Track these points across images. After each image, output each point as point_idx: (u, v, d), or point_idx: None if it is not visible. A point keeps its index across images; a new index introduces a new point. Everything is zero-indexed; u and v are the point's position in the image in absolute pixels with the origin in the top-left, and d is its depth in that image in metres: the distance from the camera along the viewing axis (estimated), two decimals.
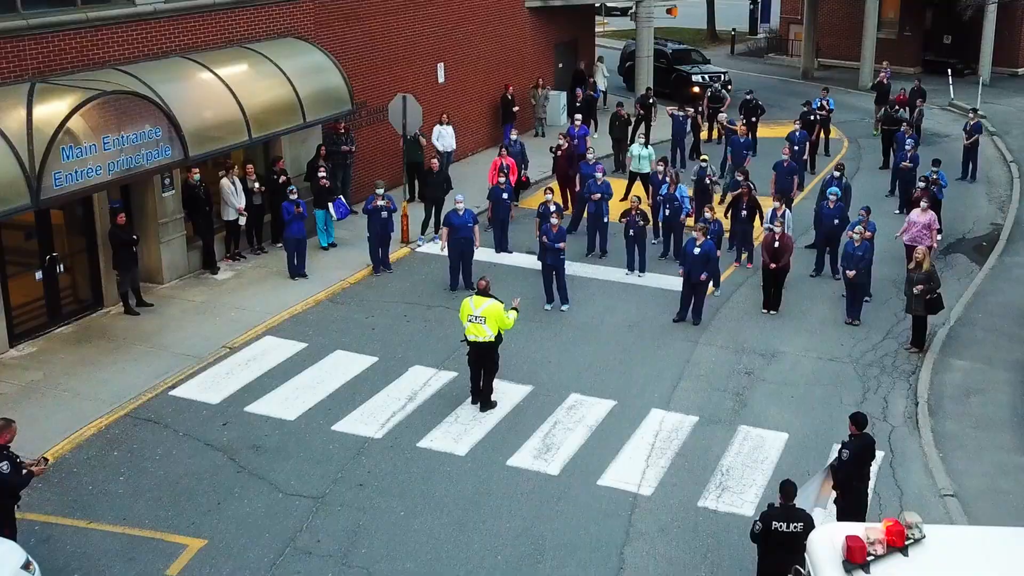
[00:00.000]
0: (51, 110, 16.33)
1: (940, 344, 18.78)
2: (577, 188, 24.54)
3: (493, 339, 15.73)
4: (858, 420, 12.65)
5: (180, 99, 18.81)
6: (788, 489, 11.23)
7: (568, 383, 17.06)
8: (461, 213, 20.36)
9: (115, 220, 18.48)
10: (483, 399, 16.10)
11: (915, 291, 18.19)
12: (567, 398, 16.57)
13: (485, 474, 14.45)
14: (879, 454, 14.16)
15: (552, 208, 21.48)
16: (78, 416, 15.44)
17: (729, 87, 37.66)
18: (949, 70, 40.81)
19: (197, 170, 20.20)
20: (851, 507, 12.66)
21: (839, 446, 12.83)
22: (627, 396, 16.69)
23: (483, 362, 15.95)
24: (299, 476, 14.28)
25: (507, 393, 16.61)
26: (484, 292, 15.80)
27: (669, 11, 41.26)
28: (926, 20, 46.36)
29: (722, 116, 30.83)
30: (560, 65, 36.01)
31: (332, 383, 16.87)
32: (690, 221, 22.47)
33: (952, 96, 39.53)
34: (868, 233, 19.79)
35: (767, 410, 16.41)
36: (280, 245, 21.64)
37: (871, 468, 13.02)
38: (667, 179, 22.94)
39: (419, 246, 23.18)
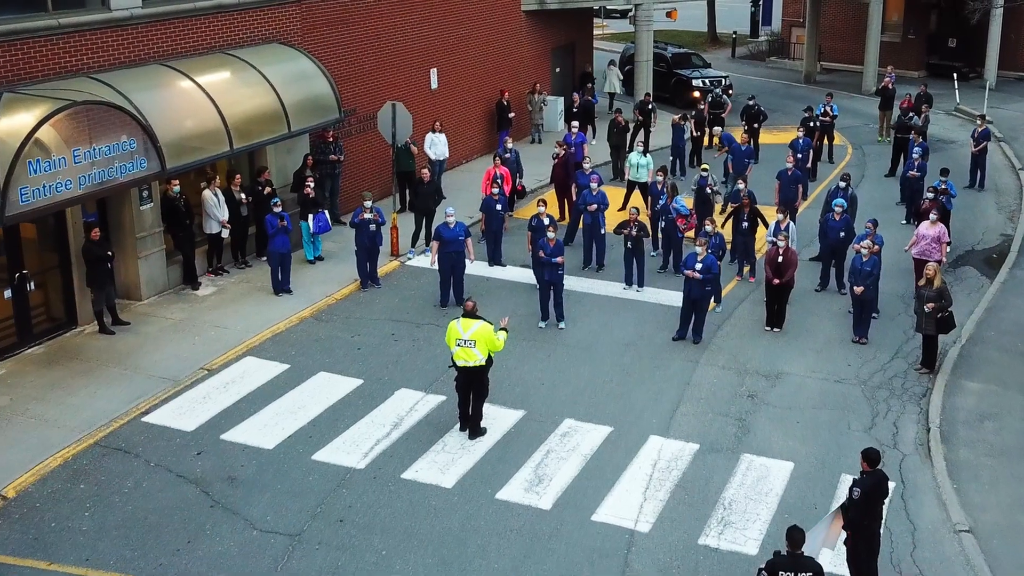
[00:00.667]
0: (18, 121, 15.50)
1: (952, 364, 17.95)
2: (574, 198, 23.72)
3: (484, 363, 14.92)
4: (870, 456, 11.84)
5: (157, 109, 18.00)
6: (796, 537, 10.42)
7: (562, 408, 16.25)
8: (452, 226, 19.55)
9: (89, 235, 17.67)
10: (472, 426, 15.29)
11: (926, 309, 17.38)
12: (561, 424, 15.76)
13: (473, 508, 13.62)
14: (890, 485, 13.35)
15: (546, 221, 20.68)
16: (45, 445, 14.62)
17: (730, 91, 36.89)
18: (954, 74, 40.01)
19: (177, 182, 19.40)
20: (863, 548, 11.87)
21: (850, 484, 11.99)
22: (624, 422, 15.87)
23: (473, 387, 15.14)
24: (275, 511, 13.46)
25: (497, 419, 15.80)
26: (471, 314, 14.98)
27: (669, 14, 40.61)
28: (930, 23, 45.53)
29: (717, 129, 30.02)
30: (557, 70, 35.21)
31: (314, 408, 16.05)
32: (690, 233, 21.68)
33: (958, 101, 38.71)
34: (876, 247, 18.99)
35: (771, 437, 15.59)
36: (265, 259, 20.81)
37: (884, 506, 12.20)
38: (664, 189, 22.16)
39: (409, 259, 22.37)
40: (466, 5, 29.16)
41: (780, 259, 18.98)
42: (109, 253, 17.85)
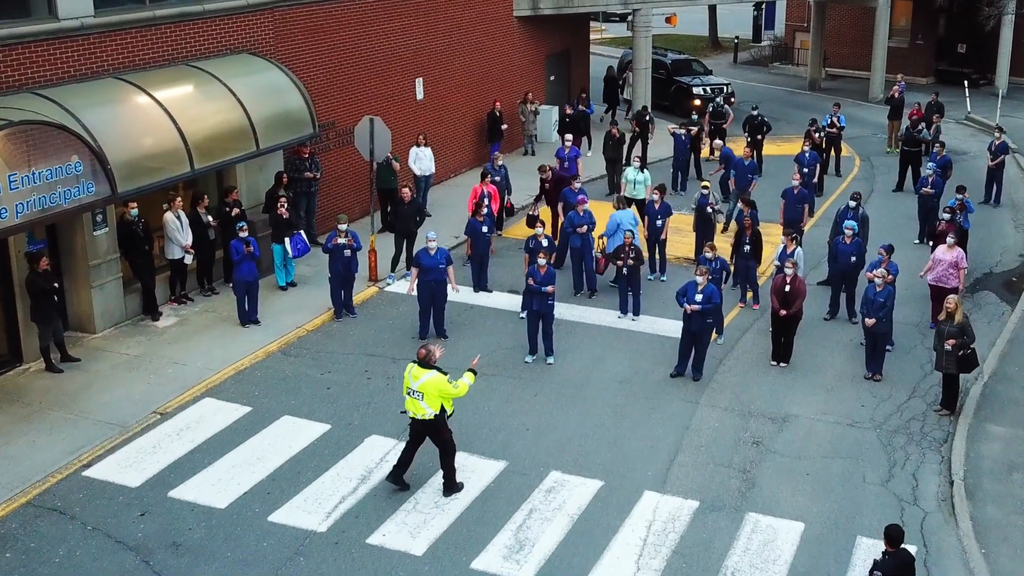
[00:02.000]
0: None
1: (974, 405, 16.47)
2: (561, 218, 22.24)
3: (433, 417, 13.34)
4: (892, 536, 10.39)
5: (109, 127, 16.56)
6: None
7: (548, 458, 14.75)
8: (432, 253, 18.06)
9: (36, 265, 16.20)
10: (446, 483, 13.79)
11: (947, 347, 15.89)
12: (546, 478, 14.26)
13: None
14: (911, 548, 11.89)
15: (544, 243, 19.26)
16: None
17: (732, 100, 35.36)
18: (965, 81, 38.52)
19: (135, 205, 17.93)
20: None
21: (870, 567, 10.51)
22: (616, 474, 14.38)
23: (427, 439, 13.60)
24: None
25: (476, 471, 14.32)
26: (424, 362, 13.32)
27: (668, 19, 39.10)
28: (939, 28, 44.00)
29: (718, 143, 28.50)
30: (552, 78, 33.72)
31: (274, 459, 14.57)
32: (684, 249, 20.11)
33: (969, 109, 37.21)
34: (890, 276, 17.52)
35: (779, 492, 14.10)
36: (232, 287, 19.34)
37: None
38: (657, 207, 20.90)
39: (388, 284, 20.88)
40: (454, 11, 27.67)
41: (787, 288, 17.49)
42: (56, 284, 16.36)
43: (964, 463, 14.83)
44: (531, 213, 21.79)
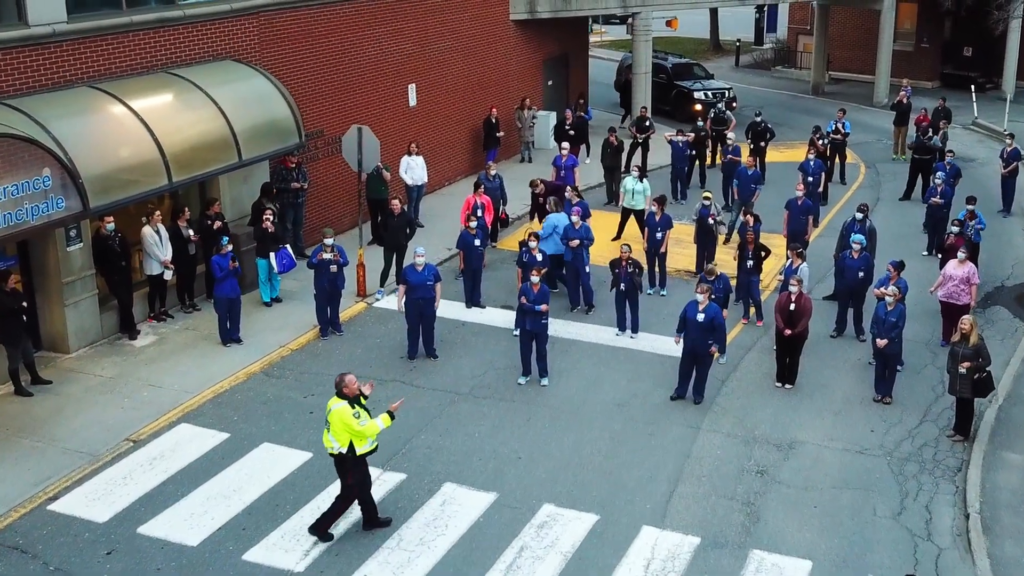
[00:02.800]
0: None
1: (989, 431, 15.68)
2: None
3: (342, 452, 12.35)
4: None
5: (81, 139, 15.79)
6: None
7: (540, 489, 13.96)
8: (420, 269, 17.27)
9: (3, 284, 15.42)
10: (319, 520, 12.75)
11: (961, 370, 15.11)
12: (538, 511, 13.46)
13: None
14: None
15: (539, 257, 18.49)
16: None
17: (734, 105, 34.63)
18: (972, 86, 37.70)
19: (111, 219, 17.15)
20: None
21: None
22: (612, 507, 13.59)
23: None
24: None
25: (464, 504, 13.54)
26: (337, 389, 12.35)
27: (669, 23, 38.31)
28: (945, 31, 43.18)
29: (731, 135, 27.59)
30: (550, 82, 32.93)
31: (252, 490, 13.78)
32: (685, 261, 19.34)
33: (976, 114, 36.40)
34: (900, 294, 16.73)
35: (785, 527, 13.31)
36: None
37: None
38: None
39: (377, 300, 20.09)
40: (448, 15, 26.89)
41: (792, 307, 16.70)
42: (24, 304, 15.59)
43: (980, 494, 14.05)
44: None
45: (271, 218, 19.23)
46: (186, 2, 18.91)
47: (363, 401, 12.47)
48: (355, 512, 13.24)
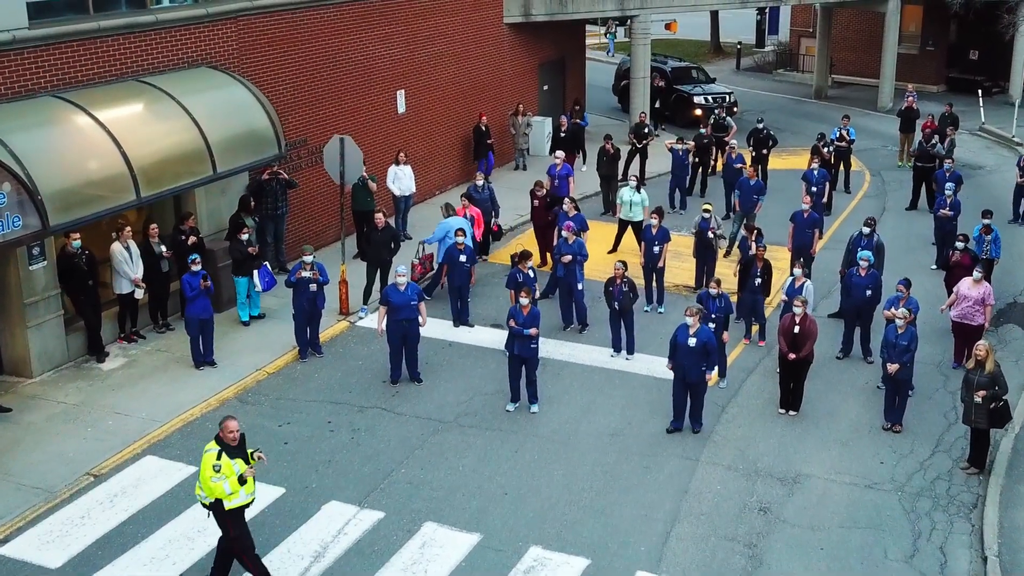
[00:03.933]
0: None
1: (1006, 463, 14.74)
2: (555, 241, 20.52)
3: (209, 502, 11.30)
4: None
5: (41, 152, 14.89)
6: None
7: (527, 530, 13.02)
8: (402, 289, 16.35)
9: None
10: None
11: (977, 399, 14.17)
12: (524, 555, 12.53)
13: None
14: None
15: (531, 275, 17.57)
16: None
17: (735, 110, 33.67)
18: (979, 90, 36.77)
19: (78, 235, 16.23)
20: None
21: None
22: (605, 550, 12.66)
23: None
24: None
25: (445, 547, 12.61)
26: (217, 436, 11.29)
27: (668, 26, 37.36)
28: (951, 33, 42.22)
29: (733, 142, 26.70)
30: (545, 87, 32.00)
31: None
32: (684, 276, 18.40)
33: (983, 119, 35.45)
34: (911, 315, 15.80)
35: (790, 571, 12.39)
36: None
37: None
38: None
39: (360, 318, 19.16)
40: (439, 18, 25.95)
41: (796, 330, 15.76)
42: None
43: (998, 534, 13.11)
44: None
45: (249, 237, 18.33)
46: (159, 6, 18.01)
47: (250, 455, 11.29)
48: (330, 554, 12.34)
